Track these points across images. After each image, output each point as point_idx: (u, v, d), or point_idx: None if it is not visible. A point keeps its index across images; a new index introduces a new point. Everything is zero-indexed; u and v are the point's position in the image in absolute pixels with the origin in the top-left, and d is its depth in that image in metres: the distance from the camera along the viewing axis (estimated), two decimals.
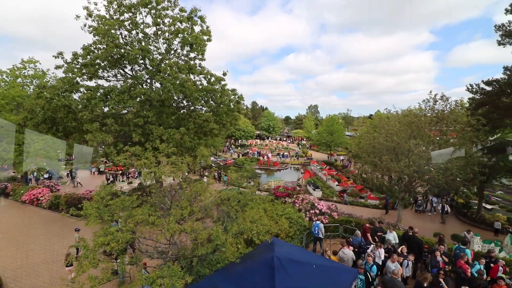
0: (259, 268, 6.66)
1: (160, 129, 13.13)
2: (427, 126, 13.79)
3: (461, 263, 9.82)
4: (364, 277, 8.88)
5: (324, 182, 34.56)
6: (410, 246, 11.09)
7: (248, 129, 60.40)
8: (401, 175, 13.53)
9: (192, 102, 15.35)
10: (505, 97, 15.11)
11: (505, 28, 15.50)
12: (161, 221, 6.23)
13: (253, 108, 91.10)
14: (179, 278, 5.94)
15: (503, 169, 16.42)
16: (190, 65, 15.37)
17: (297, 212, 14.86)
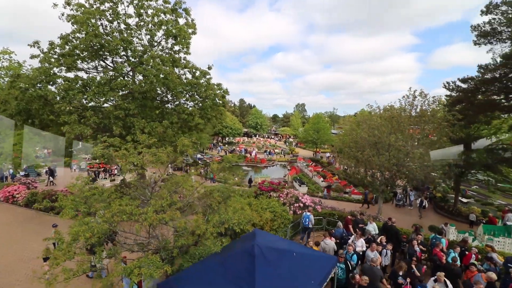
0: (239, 257, 6.67)
1: (142, 121, 12.86)
2: (407, 121, 14.25)
3: (436, 251, 10.25)
4: (345, 265, 9.08)
5: (310, 178, 35.01)
6: (388, 236, 11.44)
7: (236, 127, 60.19)
8: (382, 169, 13.92)
9: (176, 96, 15.10)
10: (479, 94, 15.80)
11: (480, 28, 16.17)
12: (138, 211, 6.10)
13: (241, 106, 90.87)
14: (158, 268, 5.85)
15: (477, 163, 17.19)
16: (174, 58, 15.13)
17: (282, 205, 14.98)
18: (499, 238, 12.91)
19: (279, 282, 6.06)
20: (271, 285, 5.90)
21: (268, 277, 6.02)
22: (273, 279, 6.07)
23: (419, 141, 14.35)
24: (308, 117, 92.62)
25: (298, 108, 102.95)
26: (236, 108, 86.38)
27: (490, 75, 14.11)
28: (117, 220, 5.99)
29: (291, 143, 65.06)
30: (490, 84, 14.95)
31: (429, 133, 15.12)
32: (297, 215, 15.20)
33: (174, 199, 6.90)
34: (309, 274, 6.59)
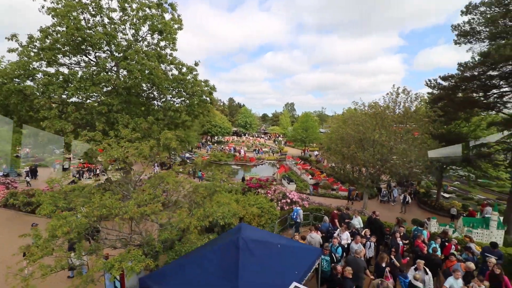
0: (224, 249, 6.64)
1: (126, 117, 12.59)
2: (390, 118, 14.60)
3: (418, 242, 10.55)
4: (329, 257, 9.21)
5: (298, 176, 35.30)
6: (372, 229, 11.68)
7: (225, 126, 59.89)
8: (367, 164, 14.20)
9: (162, 92, 14.87)
10: (459, 92, 16.33)
11: (460, 28, 16.71)
12: (119, 204, 5.97)
13: (230, 105, 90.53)
14: (139, 262, 5.75)
15: (458, 158, 17.77)
16: (160, 53, 14.90)
17: (269, 202, 15.04)
18: (477, 230, 13.41)
19: (263, 273, 6.07)
20: (255, 275, 5.90)
21: (252, 268, 6.03)
22: (257, 270, 6.08)
23: (402, 137, 14.72)
24: (297, 116, 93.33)
25: (288, 108, 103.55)
26: (226, 107, 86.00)
27: (469, 73, 14.62)
28: (96, 214, 5.83)
29: (280, 142, 65.37)
30: (469, 82, 15.48)
31: (412, 129, 15.52)
32: (285, 211, 15.32)
33: (157, 193, 6.79)
34: (293, 265, 6.65)
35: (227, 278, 5.78)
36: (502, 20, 14.22)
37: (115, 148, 7.24)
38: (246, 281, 5.68)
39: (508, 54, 10.86)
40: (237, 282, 5.58)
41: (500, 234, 13.16)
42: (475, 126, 19.58)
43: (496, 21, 14.18)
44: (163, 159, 9.48)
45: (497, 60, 11.83)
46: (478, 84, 15.95)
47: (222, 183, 9.28)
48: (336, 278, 7.94)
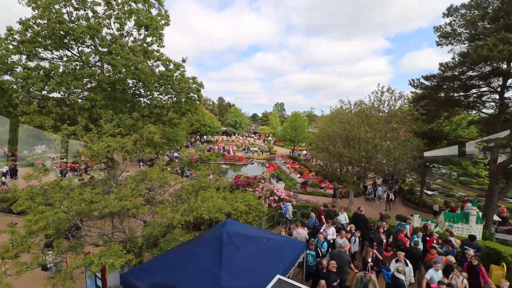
0: (208, 243, 6.61)
1: (109, 113, 12.30)
2: (375, 115, 14.92)
3: (401, 236, 10.82)
4: (315, 252, 9.31)
5: (287, 175, 35.51)
6: (357, 224, 11.89)
7: (214, 125, 59.56)
8: (352, 161, 14.43)
9: (148, 88, 14.61)
10: (441, 91, 16.85)
11: (442, 29, 17.24)
12: (99, 198, 5.82)
13: (220, 104, 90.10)
14: (120, 257, 5.63)
15: (440, 156, 18.32)
16: (146, 49, 14.65)
17: (257, 199, 15.05)
18: (458, 225, 13.87)
19: (247, 266, 6.07)
20: (238, 268, 5.89)
21: (235, 261, 6.02)
22: (240, 262, 6.07)
23: (386, 134, 15.05)
24: (287, 116, 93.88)
25: (277, 107, 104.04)
26: (215, 107, 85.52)
27: (450, 73, 15.11)
28: (75, 209, 5.66)
29: (270, 142, 65.58)
30: (450, 81, 15.99)
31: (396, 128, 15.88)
32: (272, 208, 15.37)
33: (140, 187, 6.67)
34: (277, 258, 6.68)
35: (211, 271, 5.75)
36: (480, 22, 14.78)
37: (96, 142, 7.05)
38: (229, 273, 5.66)
39: (485, 54, 11.30)
40: (220, 274, 5.56)
41: (479, 228, 13.65)
42: (456, 125, 20.26)
43: (475, 23, 14.71)
44: (149, 156, 9.18)
45: (475, 60, 12.27)
46: (458, 84, 16.50)
47: (208, 179, 9.23)
48: (321, 272, 8.02)
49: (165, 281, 5.85)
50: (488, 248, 11.23)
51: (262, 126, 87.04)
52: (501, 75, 15.18)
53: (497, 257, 10.88)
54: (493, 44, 11.20)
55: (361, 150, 13.85)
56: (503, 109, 15.56)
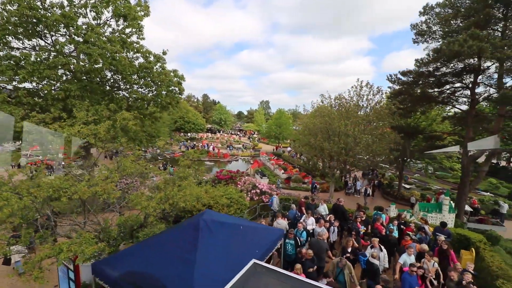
0: (184, 231, 6.52)
1: (85, 104, 11.84)
2: (354, 109, 15.30)
3: (377, 225, 11.18)
4: (294, 241, 9.43)
5: (271, 171, 35.73)
6: (336, 215, 12.16)
7: (198, 122, 58.89)
8: (332, 153, 14.72)
9: (126, 79, 14.19)
10: (417, 87, 17.48)
11: (418, 27, 17.87)
12: (68, 184, 5.59)
13: (204, 101, 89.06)
14: (90, 245, 5.45)
15: (416, 150, 19.03)
16: (124, 39, 14.21)
17: (239, 192, 15.04)
18: (432, 214, 14.48)
19: (223, 251, 6.05)
20: (214, 253, 5.86)
21: (211, 247, 5.98)
22: (217, 248, 6.04)
23: (365, 128, 15.45)
24: (272, 114, 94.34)
25: (263, 105, 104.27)
26: (199, 104, 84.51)
27: (425, 68, 15.70)
28: (43, 196, 5.41)
29: (255, 139, 65.71)
30: (426, 77, 16.61)
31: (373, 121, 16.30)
32: (254, 201, 15.41)
33: (113, 175, 6.47)
34: (254, 244, 6.70)
35: (186, 256, 5.68)
36: (453, 20, 15.45)
37: (67, 129, 6.76)
38: (205, 258, 5.62)
39: (456, 49, 11.82)
40: (195, 259, 5.50)
41: (451, 217, 14.31)
42: (431, 121, 21.11)
43: (448, 20, 15.35)
44: (126, 149, 8.74)
45: (447, 55, 12.81)
46: (433, 80, 17.19)
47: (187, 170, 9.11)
48: (300, 260, 8.14)
49: (139, 268, 5.72)
50: (459, 234, 11.82)
51: (247, 123, 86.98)
52: (473, 72, 15.96)
53: (467, 243, 11.47)
54: (464, 40, 11.74)
55: (341, 143, 14.16)
56: (473, 104, 16.36)
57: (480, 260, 10.27)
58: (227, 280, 4.66)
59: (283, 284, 5.37)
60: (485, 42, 11.55)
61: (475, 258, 10.51)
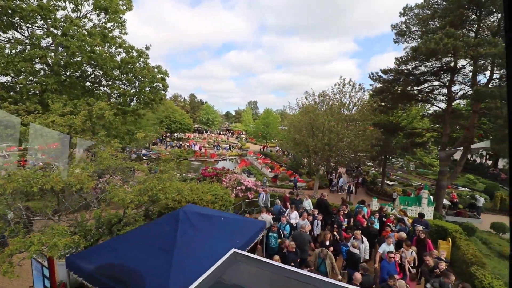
0: (163, 223, 6.42)
1: (62, 98, 11.45)
2: (337, 106, 15.60)
3: (359, 217, 11.44)
4: (277, 234, 9.47)
5: (258, 170, 35.80)
6: (320, 209, 12.33)
7: (185, 122, 58.11)
8: (316, 149, 14.93)
9: (107, 74, 13.84)
10: (397, 85, 18.02)
11: (398, 27, 18.43)
12: (38, 175, 5.37)
13: (192, 101, 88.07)
14: (63, 237, 5.25)
15: (397, 146, 19.59)
16: (105, 33, 13.87)
17: (224, 189, 14.96)
18: (412, 207, 14.94)
19: (202, 242, 6.00)
20: (193, 244, 5.80)
21: (191, 237, 5.91)
22: (196, 239, 5.98)
23: (348, 124, 15.78)
24: (260, 114, 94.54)
25: (251, 105, 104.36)
26: (186, 104, 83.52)
27: (404, 67, 16.23)
28: (12, 187, 5.17)
29: (242, 139, 65.68)
30: (406, 76, 17.15)
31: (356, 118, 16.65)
32: (240, 197, 15.38)
33: (89, 166, 6.28)
34: (235, 235, 6.68)
35: (164, 248, 5.59)
36: (431, 21, 16.03)
37: (39, 120, 6.50)
38: (183, 249, 5.55)
39: (432, 47, 12.29)
40: (174, 250, 5.42)
41: (430, 210, 14.81)
42: (412, 118, 21.79)
43: (426, 21, 15.93)
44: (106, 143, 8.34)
45: (424, 53, 13.29)
46: (412, 78, 17.77)
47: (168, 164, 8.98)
48: (282, 253, 8.18)
49: (116, 261, 5.58)
50: (436, 225, 12.25)
51: (235, 123, 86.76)
52: (449, 71, 16.61)
53: (444, 233, 11.89)
54: (440, 38, 12.22)
55: (325, 139, 14.40)
56: (450, 102, 17.02)
57: (456, 249, 10.67)
58: (206, 269, 4.64)
59: (262, 271, 5.38)
60: (459, 40, 12.07)
61: (451, 247, 10.92)
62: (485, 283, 7.98)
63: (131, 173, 9.13)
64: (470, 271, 8.77)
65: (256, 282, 5.04)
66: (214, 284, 4.81)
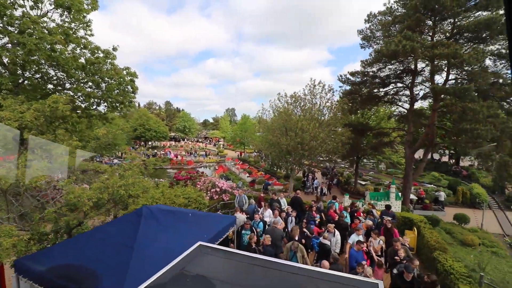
0: (125, 220, 6.11)
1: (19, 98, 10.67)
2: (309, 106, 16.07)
3: (330, 212, 11.72)
4: (250, 232, 9.38)
5: (236, 175, 35.68)
6: (294, 206, 12.47)
7: (161, 130, 56.64)
8: (289, 148, 15.17)
9: (70, 75, 13.17)
10: (364, 87, 18.93)
11: (364, 33, 19.48)
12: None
13: (167, 109, 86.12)
14: (10, 238, 4.83)
15: (367, 146, 20.43)
16: (67, 32, 13.26)
17: (198, 192, 14.66)
18: (381, 202, 15.54)
19: (167, 236, 5.77)
20: (157, 239, 5.56)
21: (154, 233, 5.67)
22: (160, 234, 5.74)
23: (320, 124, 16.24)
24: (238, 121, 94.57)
25: (229, 113, 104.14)
26: (162, 111, 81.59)
27: (369, 68, 17.13)
28: None
29: (220, 146, 65.23)
30: (371, 78, 18.08)
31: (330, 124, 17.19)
32: (214, 200, 15.14)
33: (42, 163, 5.87)
34: (203, 230, 6.50)
35: (124, 243, 5.30)
36: (392, 26, 17.14)
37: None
38: (145, 244, 5.30)
39: (393, 49, 13.13)
40: (133, 245, 5.16)
41: (398, 204, 15.50)
42: (380, 119, 22.91)
43: (388, 26, 17.00)
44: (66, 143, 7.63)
45: (386, 54, 14.15)
46: (378, 81, 18.78)
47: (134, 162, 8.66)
48: (251, 248, 8.05)
49: (71, 260, 5.19)
50: (403, 217, 12.85)
51: (213, 130, 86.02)
52: (411, 73, 17.77)
53: (411, 224, 12.47)
54: (399, 41, 13.08)
55: (297, 138, 14.69)
56: (413, 102, 18.14)
57: (421, 238, 11.21)
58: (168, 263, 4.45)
59: (227, 261, 5.26)
60: (416, 42, 12.99)
61: (417, 236, 11.46)
62: (446, 265, 8.42)
63: (94, 174, 8.70)
64: (433, 256, 9.23)
65: (220, 271, 4.91)
66: (176, 276, 4.63)
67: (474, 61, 12.50)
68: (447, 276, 8.13)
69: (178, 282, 4.57)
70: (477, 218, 18.22)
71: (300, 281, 4.52)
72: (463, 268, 8.31)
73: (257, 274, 4.88)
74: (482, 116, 12.02)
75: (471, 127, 12.13)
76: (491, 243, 14.81)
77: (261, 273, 4.85)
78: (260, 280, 4.69)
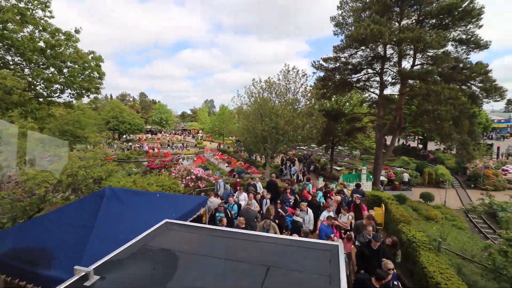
0: (87, 201, 5.84)
1: None
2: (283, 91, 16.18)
3: (304, 193, 12.00)
4: (224, 214, 9.38)
5: (215, 165, 35.48)
6: (269, 189, 12.61)
7: (135, 122, 54.64)
8: (264, 133, 15.26)
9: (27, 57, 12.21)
10: (337, 73, 19.29)
11: (336, 19, 19.71)
12: None
13: (142, 101, 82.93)
14: None
15: (341, 132, 21.01)
16: (22, 11, 12.21)
17: (172, 179, 14.39)
18: (353, 183, 16.17)
19: (131, 216, 5.60)
20: (119, 219, 5.38)
21: (117, 213, 5.48)
22: (124, 214, 5.57)
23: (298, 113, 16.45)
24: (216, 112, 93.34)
25: (207, 104, 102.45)
26: (136, 103, 78.50)
27: (341, 54, 17.47)
28: None
29: (199, 137, 64.29)
30: (344, 64, 18.44)
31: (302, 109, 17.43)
32: (190, 187, 14.93)
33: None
34: (170, 209, 6.39)
35: (84, 224, 5.09)
36: (362, 12, 17.48)
37: None
38: (106, 223, 5.12)
39: (362, 32, 13.45)
40: (94, 224, 4.97)
41: (369, 185, 16.21)
42: (353, 106, 23.59)
43: (358, 12, 17.31)
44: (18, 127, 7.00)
45: (355, 38, 14.46)
46: (351, 68, 19.22)
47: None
48: None
49: (27, 243, 4.91)
50: (372, 195, 13.45)
51: (191, 122, 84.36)
52: (380, 59, 18.32)
53: (379, 201, 13.10)
54: (367, 25, 13.40)
55: (272, 123, 14.78)
56: (382, 88, 18.80)
57: (388, 214, 11.83)
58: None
59: (192, 235, 5.22)
60: (383, 26, 13.37)
61: (384, 212, 12.08)
62: (409, 235, 8.95)
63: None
64: (398, 227, 9.78)
65: (184, 244, 4.86)
66: (139, 250, 4.52)
67: (437, 45, 13.14)
68: (410, 244, 8.65)
69: (140, 256, 4.47)
70: (441, 196, 19.52)
71: (264, 248, 4.60)
72: (425, 237, 8.88)
73: (223, 244, 4.91)
74: (443, 97, 12.78)
75: (433, 108, 12.88)
76: (452, 217, 15.98)
77: (227, 243, 4.88)
78: (225, 249, 4.71)
